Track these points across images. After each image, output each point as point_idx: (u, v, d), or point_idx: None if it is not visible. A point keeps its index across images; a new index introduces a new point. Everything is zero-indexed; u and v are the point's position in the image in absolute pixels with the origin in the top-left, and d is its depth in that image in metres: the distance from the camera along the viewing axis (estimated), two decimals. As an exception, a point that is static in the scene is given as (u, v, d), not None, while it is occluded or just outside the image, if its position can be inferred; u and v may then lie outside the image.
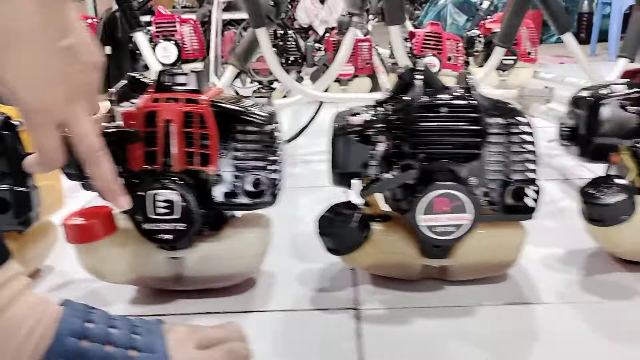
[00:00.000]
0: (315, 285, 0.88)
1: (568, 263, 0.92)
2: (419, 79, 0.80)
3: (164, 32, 2.51)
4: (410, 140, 0.79)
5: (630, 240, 0.85)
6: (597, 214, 0.82)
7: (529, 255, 0.95)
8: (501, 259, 0.85)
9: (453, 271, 0.85)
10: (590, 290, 0.84)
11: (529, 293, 0.84)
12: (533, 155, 0.81)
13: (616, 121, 0.84)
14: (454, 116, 0.79)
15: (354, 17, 1.55)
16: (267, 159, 0.79)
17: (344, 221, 0.79)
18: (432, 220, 0.77)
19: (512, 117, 0.80)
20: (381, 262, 0.85)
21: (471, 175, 0.80)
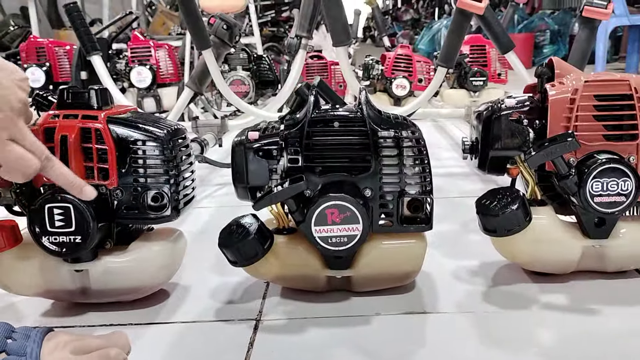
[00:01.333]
0: (225, 298, 0.90)
1: (477, 274, 0.93)
2: (313, 94, 0.83)
3: (139, 57, 2.57)
4: (304, 154, 0.81)
5: (527, 250, 0.86)
6: (490, 224, 0.84)
7: (442, 266, 0.97)
8: (403, 269, 0.86)
9: (357, 282, 0.87)
10: (490, 301, 0.85)
11: (429, 303, 0.85)
12: (428, 167, 0.83)
13: (509, 134, 0.86)
14: (344, 130, 0.81)
15: (303, 39, 1.59)
16: (168, 174, 0.81)
17: (242, 234, 0.81)
18: (324, 231, 0.79)
19: (405, 130, 0.82)
20: (286, 274, 0.86)
21: (366, 187, 0.82)
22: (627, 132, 0.83)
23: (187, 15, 1.40)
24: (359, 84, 1.60)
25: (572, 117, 0.83)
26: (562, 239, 0.86)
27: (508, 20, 3.43)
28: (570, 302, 0.83)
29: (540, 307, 0.83)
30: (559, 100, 0.83)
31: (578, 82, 0.83)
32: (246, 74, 2.60)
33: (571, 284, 0.89)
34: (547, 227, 0.86)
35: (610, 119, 0.83)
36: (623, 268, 0.89)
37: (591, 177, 0.81)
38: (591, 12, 1.51)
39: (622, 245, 0.86)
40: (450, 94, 2.56)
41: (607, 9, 1.51)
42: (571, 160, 0.84)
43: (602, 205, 0.82)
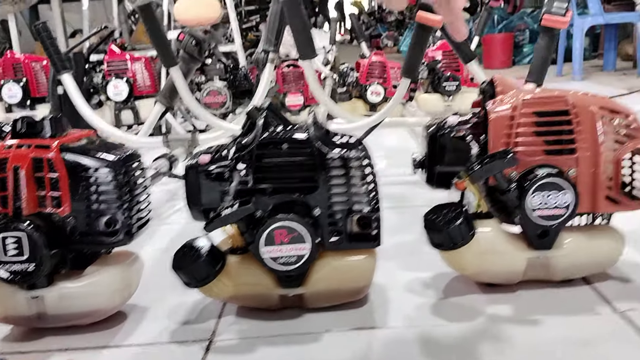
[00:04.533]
0: (182, 318, 0.91)
1: (430, 286, 0.96)
2: (263, 117, 0.85)
3: (115, 70, 2.59)
4: (253, 176, 0.83)
5: (473, 262, 0.89)
6: (436, 239, 0.86)
7: (396, 279, 0.99)
8: (354, 285, 0.89)
9: (309, 299, 0.89)
10: (439, 314, 0.87)
11: (379, 318, 0.87)
12: (375, 185, 0.85)
13: (453, 151, 0.89)
14: (292, 152, 0.83)
15: (270, 53, 1.61)
16: (120, 200, 0.83)
17: (193, 256, 0.83)
18: (273, 251, 0.82)
19: (351, 151, 0.84)
20: (239, 293, 0.88)
21: (315, 207, 0.84)
22: (566, 147, 0.86)
23: (152, 34, 1.41)
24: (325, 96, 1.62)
25: (512, 134, 0.85)
26: (507, 250, 0.88)
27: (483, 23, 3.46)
28: (515, 312, 0.86)
29: (486, 318, 0.85)
30: (499, 118, 0.86)
31: (517, 99, 0.86)
32: (223, 84, 2.62)
33: (518, 293, 0.91)
34: (492, 240, 0.88)
35: (550, 135, 0.85)
36: (569, 277, 0.92)
37: (531, 191, 0.84)
38: (550, 21, 1.54)
39: (566, 255, 0.89)
40: (424, 99, 2.59)
41: (565, 17, 1.54)
42: (513, 174, 0.86)
43: (542, 218, 0.85)
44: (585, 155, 0.85)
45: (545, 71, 1.60)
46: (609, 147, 0.85)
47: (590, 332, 0.79)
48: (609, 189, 0.86)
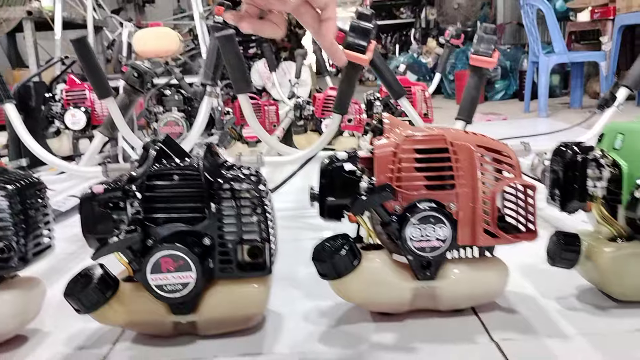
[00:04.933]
0: (79, 343, 0.93)
1: (326, 315, 0.99)
2: (155, 148, 0.89)
3: (74, 99, 2.63)
4: (144, 206, 0.87)
5: (360, 291, 0.92)
6: (322, 269, 0.90)
7: (296, 307, 1.02)
8: (245, 312, 0.92)
9: (202, 326, 0.92)
10: (326, 341, 0.90)
11: (267, 344, 0.90)
12: (265, 216, 0.89)
13: (341, 184, 0.93)
14: (182, 183, 0.87)
15: (207, 87, 1.66)
16: (15, 227, 0.86)
17: (84, 283, 0.86)
18: (160, 279, 0.85)
19: (240, 183, 0.88)
20: (133, 320, 0.91)
21: (205, 236, 0.88)
22: (445, 183, 0.90)
23: (86, 65, 1.46)
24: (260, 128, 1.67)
25: (395, 169, 0.90)
26: (393, 281, 0.92)
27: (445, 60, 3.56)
28: (397, 340, 0.89)
29: (368, 346, 0.88)
30: (383, 153, 0.90)
31: (400, 137, 0.90)
32: (180, 116, 2.66)
33: (406, 322, 0.95)
34: (378, 270, 0.92)
35: (430, 171, 0.90)
36: (455, 307, 0.96)
37: (410, 224, 0.88)
38: (477, 60, 1.61)
39: (451, 286, 0.93)
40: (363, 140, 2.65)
41: (492, 57, 1.62)
42: (396, 207, 0.90)
43: (421, 250, 0.89)
44: (464, 190, 0.90)
45: (474, 109, 1.67)
46: (486, 183, 0.90)
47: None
48: (486, 223, 0.90)
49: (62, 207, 1.33)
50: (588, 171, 0.93)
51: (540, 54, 4.38)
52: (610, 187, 0.93)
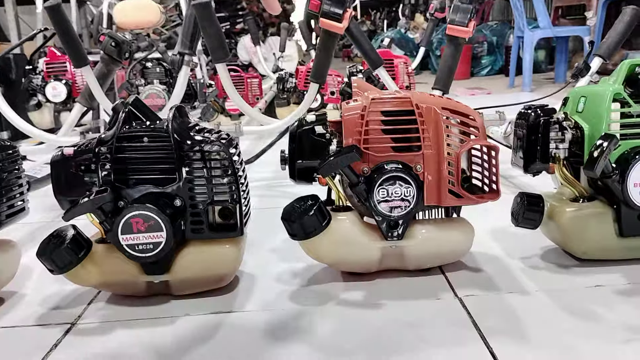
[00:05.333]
0: (54, 304, 0.95)
1: (298, 276, 1.01)
2: (126, 111, 0.90)
3: (54, 72, 2.61)
4: (114, 167, 0.88)
5: (330, 252, 0.94)
6: (291, 229, 0.92)
7: (269, 269, 1.04)
8: (217, 273, 0.94)
9: (175, 286, 0.94)
10: (296, 299, 0.93)
11: (239, 303, 0.92)
12: (235, 178, 0.90)
13: (310, 147, 0.95)
14: (152, 145, 0.88)
15: (185, 56, 1.66)
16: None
17: (56, 243, 0.88)
18: (130, 239, 0.86)
19: (211, 145, 0.89)
20: (106, 280, 0.93)
21: (177, 198, 0.89)
22: (412, 144, 0.92)
23: (62, 34, 1.46)
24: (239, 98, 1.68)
25: (362, 131, 0.91)
26: (362, 241, 0.94)
27: (429, 34, 3.56)
28: (365, 297, 0.92)
29: (336, 302, 0.91)
30: (350, 116, 0.92)
31: (367, 100, 0.92)
32: (162, 88, 2.65)
33: (376, 281, 0.97)
34: (347, 230, 0.94)
35: (397, 133, 0.92)
36: (422, 266, 0.98)
37: (377, 185, 0.90)
38: (453, 30, 1.62)
39: (418, 245, 0.95)
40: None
41: (468, 27, 1.63)
42: (364, 169, 0.92)
43: (388, 210, 0.91)
44: (429, 152, 0.92)
45: (450, 79, 1.68)
46: (451, 144, 0.92)
47: (426, 315, 0.85)
48: (451, 184, 0.92)
49: (37, 173, 1.34)
50: (550, 133, 0.95)
51: (525, 29, 4.38)
52: (573, 149, 0.96)
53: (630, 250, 0.96)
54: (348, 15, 1.46)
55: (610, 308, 0.83)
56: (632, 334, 0.76)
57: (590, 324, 0.79)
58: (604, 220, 0.94)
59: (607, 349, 0.73)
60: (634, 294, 0.87)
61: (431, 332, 0.80)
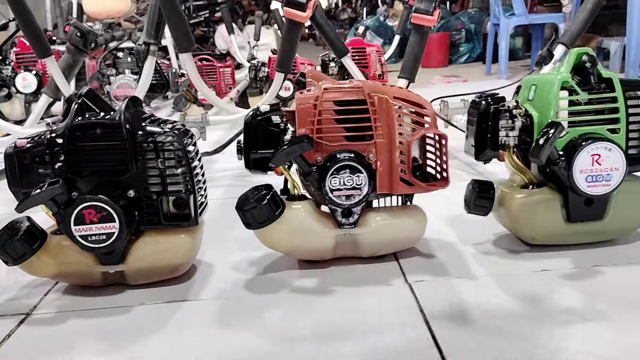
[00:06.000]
0: (11, 295, 0.96)
1: (255, 264, 1.03)
2: (78, 102, 0.90)
3: (25, 62, 2.58)
4: (67, 159, 0.88)
5: (285, 240, 0.96)
6: (245, 218, 0.93)
7: (227, 258, 1.06)
8: (171, 262, 0.95)
9: (130, 276, 0.95)
10: (250, 287, 0.94)
11: (194, 292, 0.93)
12: (189, 168, 0.91)
13: (263, 137, 0.95)
14: (105, 136, 0.88)
15: (151, 46, 1.65)
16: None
17: (10, 235, 0.88)
18: (83, 230, 0.87)
19: (164, 136, 0.90)
20: (62, 271, 0.93)
21: (130, 188, 0.90)
22: (364, 133, 0.93)
23: (24, 25, 1.44)
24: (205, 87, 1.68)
25: (315, 121, 0.92)
26: (316, 229, 0.96)
27: (404, 22, 3.57)
28: (318, 285, 0.93)
29: (289, 290, 0.92)
30: (303, 106, 0.93)
31: (319, 90, 0.93)
32: (134, 78, 2.64)
33: (330, 269, 0.99)
34: (301, 219, 0.95)
35: (349, 122, 0.93)
36: (376, 253, 1.00)
37: (329, 174, 0.91)
38: (418, 19, 1.63)
39: (371, 233, 0.97)
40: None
41: (433, 15, 1.64)
42: (318, 159, 0.93)
43: (340, 198, 0.92)
44: (381, 141, 0.93)
45: (416, 67, 1.69)
46: (402, 133, 0.93)
47: (375, 301, 0.87)
48: (403, 172, 0.94)
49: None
50: (500, 121, 0.97)
51: (501, 16, 4.41)
52: (523, 137, 0.98)
53: (578, 235, 0.98)
54: (312, 4, 1.46)
55: (554, 291, 0.86)
56: (573, 316, 0.79)
57: (533, 308, 0.82)
58: (552, 206, 0.96)
59: (548, 332, 0.75)
60: (578, 278, 0.90)
61: (378, 318, 0.82)
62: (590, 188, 0.92)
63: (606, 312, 0.79)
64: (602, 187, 0.92)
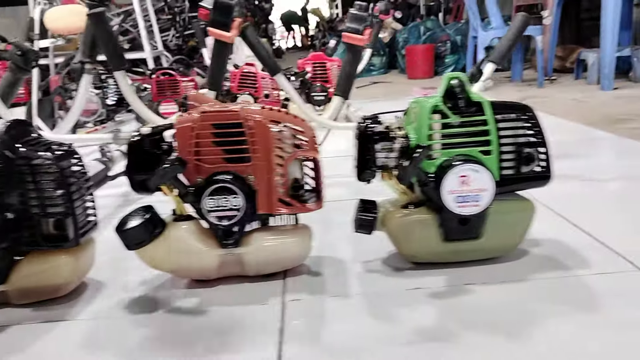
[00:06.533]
0: None
1: (146, 283, 1.04)
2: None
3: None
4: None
5: (167, 260, 0.98)
6: (123, 239, 0.95)
7: (120, 277, 1.07)
8: (53, 282, 0.97)
9: (13, 296, 0.97)
10: (132, 308, 0.96)
11: (75, 312, 0.95)
12: (70, 190, 0.93)
13: (142, 159, 0.97)
14: (-20, 159, 0.91)
15: (86, 65, 1.69)
16: None
17: None
18: (-42, 251, 0.89)
19: (40, 159, 0.92)
20: (-54, 290, 0.95)
21: (9, 209, 0.92)
22: (242, 155, 0.95)
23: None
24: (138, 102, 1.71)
25: (193, 143, 0.95)
26: (198, 249, 0.98)
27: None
28: (196, 304, 0.95)
29: (166, 310, 0.94)
30: (183, 128, 0.95)
31: (198, 113, 0.95)
32: (95, 93, 2.68)
33: (217, 287, 1.01)
34: (183, 239, 0.97)
35: (227, 145, 0.95)
36: (262, 272, 1.02)
37: (205, 195, 0.93)
38: (349, 38, 1.66)
39: (255, 252, 0.99)
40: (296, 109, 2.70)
41: (364, 35, 1.67)
42: (198, 180, 0.96)
43: (218, 219, 0.94)
44: (260, 163, 0.95)
45: (350, 85, 1.72)
46: (280, 155, 0.95)
47: (244, 321, 0.89)
48: (280, 193, 0.96)
49: None
50: (381, 143, 0.99)
51: (479, 29, 4.44)
52: (402, 158, 0.99)
53: (457, 253, 1.00)
54: (236, 25, 1.49)
55: (414, 310, 0.87)
56: (420, 337, 0.80)
57: (388, 327, 0.83)
58: (429, 225, 0.98)
59: (390, 352, 0.77)
60: (444, 296, 0.91)
61: (238, 338, 0.84)
62: (460, 208, 0.94)
63: (454, 332, 0.80)
64: (472, 207, 0.94)
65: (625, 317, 0.82)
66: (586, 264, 1.00)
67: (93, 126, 2.75)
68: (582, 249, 1.06)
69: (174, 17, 6.78)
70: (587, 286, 0.92)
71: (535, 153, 0.97)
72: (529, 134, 0.98)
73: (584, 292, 0.90)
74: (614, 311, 0.83)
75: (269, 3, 12.64)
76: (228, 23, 1.47)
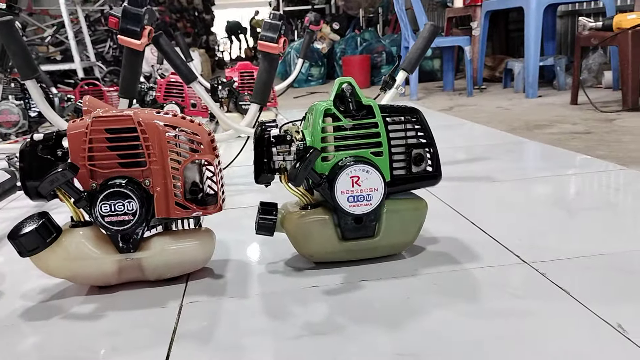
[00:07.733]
0: None
1: (46, 291, 1.03)
2: None
3: None
4: None
5: (63, 267, 0.97)
6: (16, 247, 0.93)
7: (22, 286, 1.05)
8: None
9: None
10: (26, 315, 0.94)
11: None
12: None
13: (38, 166, 0.97)
14: None
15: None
16: None
17: None
18: None
19: None
20: None
21: None
22: (137, 160, 0.96)
23: None
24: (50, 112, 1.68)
25: (86, 148, 0.94)
26: (95, 254, 0.97)
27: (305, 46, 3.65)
28: (92, 310, 0.95)
29: (61, 317, 0.93)
30: (75, 134, 0.95)
31: (90, 118, 0.95)
32: (17, 104, 2.60)
33: (117, 293, 1.00)
34: (78, 245, 0.97)
35: (121, 149, 0.95)
36: (162, 276, 1.02)
37: (98, 200, 0.93)
38: (264, 46, 1.68)
39: (154, 257, 0.99)
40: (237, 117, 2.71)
41: (278, 43, 1.70)
42: (93, 185, 0.95)
43: (113, 224, 0.94)
44: (155, 167, 0.96)
45: (267, 92, 1.74)
46: (175, 159, 0.96)
47: (137, 324, 0.89)
48: (177, 196, 0.97)
49: None
50: (277, 147, 1.01)
51: (410, 39, 4.57)
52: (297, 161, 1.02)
53: (354, 252, 1.03)
54: (146, 32, 1.49)
55: (307, 307, 0.90)
56: (308, 331, 0.82)
57: (279, 324, 0.85)
58: (325, 226, 1.01)
59: (281, 346, 0.79)
60: (338, 293, 0.94)
61: (129, 340, 0.84)
62: (353, 207, 0.98)
63: (340, 326, 0.83)
64: (364, 206, 0.98)
65: (499, 306, 0.87)
66: (477, 258, 1.05)
67: (15, 138, 2.67)
68: (476, 245, 1.12)
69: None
70: (473, 278, 0.97)
71: (425, 154, 1.02)
72: (419, 135, 1.03)
73: (468, 284, 0.95)
74: (490, 301, 0.88)
75: (209, 14, 12.59)
76: (137, 31, 1.47)
